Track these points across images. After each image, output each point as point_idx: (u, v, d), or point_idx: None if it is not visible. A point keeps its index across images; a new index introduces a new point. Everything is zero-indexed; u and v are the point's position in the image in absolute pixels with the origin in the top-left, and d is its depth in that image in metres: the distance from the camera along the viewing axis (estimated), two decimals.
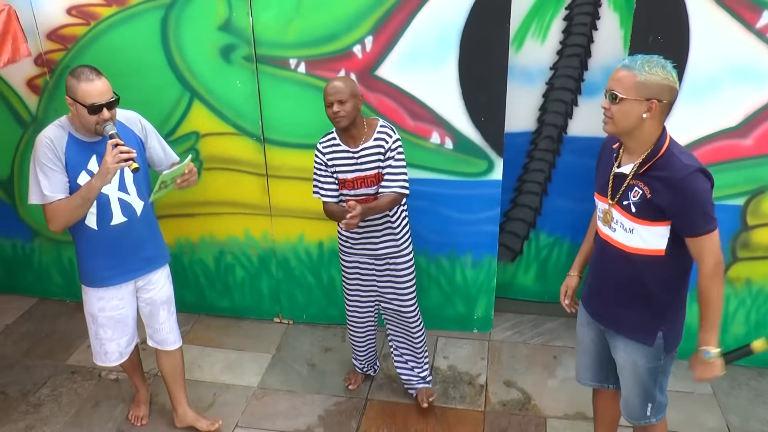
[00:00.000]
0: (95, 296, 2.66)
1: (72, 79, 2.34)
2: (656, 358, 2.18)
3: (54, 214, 2.41)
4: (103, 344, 2.75)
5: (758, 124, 2.82)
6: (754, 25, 2.69)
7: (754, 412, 2.98)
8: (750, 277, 3.09)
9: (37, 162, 2.38)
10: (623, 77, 1.93)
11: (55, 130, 2.42)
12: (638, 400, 2.25)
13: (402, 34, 2.92)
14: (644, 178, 2.00)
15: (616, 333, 2.19)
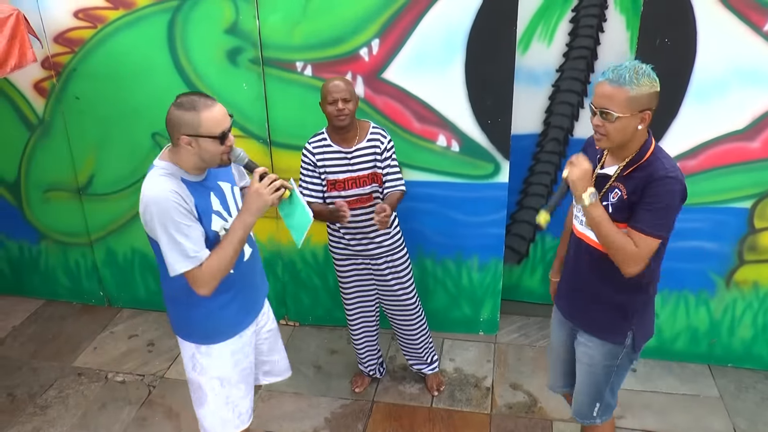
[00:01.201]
0: (228, 351, 2.20)
1: (184, 113, 1.92)
2: (614, 357, 2.20)
3: (208, 276, 1.97)
4: (236, 406, 2.29)
5: (766, 126, 2.81)
6: (762, 28, 2.68)
7: (761, 416, 2.97)
8: (757, 280, 3.08)
9: (171, 222, 1.93)
10: (614, 94, 1.88)
11: (171, 181, 1.97)
12: (588, 398, 2.28)
13: (409, 37, 2.92)
14: (625, 180, 2.01)
15: (582, 332, 2.20)
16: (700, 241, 3.04)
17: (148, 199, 1.95)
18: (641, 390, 3.12)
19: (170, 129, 1.97)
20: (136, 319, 3.77)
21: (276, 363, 2.52)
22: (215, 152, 1.98)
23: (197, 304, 2.12)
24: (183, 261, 1.95)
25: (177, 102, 1.98)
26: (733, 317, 3.17)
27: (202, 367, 2.21)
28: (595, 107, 1.94)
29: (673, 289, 3.14)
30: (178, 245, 1.94)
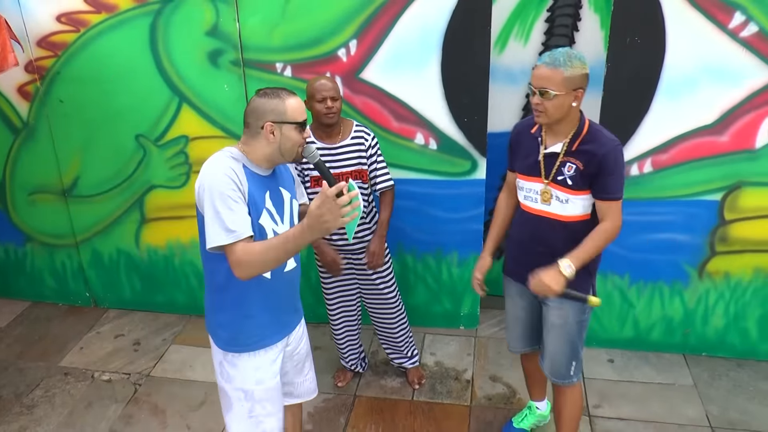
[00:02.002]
0: (251, 366, 2.17)
1: (270, 100, 1.96)
2: (583, 312, 2.43)
3: (245, 257, 1.88)
4: (260, 422, 2.25)
5: (733, 121, 2.89)
6: (727, 26, 2.76)
7: (732, 402, 3.05)
8: (728, 271, 3.16)
9: (219, 195, 1.89)
10: (551, 75, 2.13)
11: (230, 161, 1.96)
12: (565, 359, 2.46)
13: (385, 38, 2.98)
14: (576, 154, 2.25)
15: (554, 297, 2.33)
16: (673, 233, 3.13)
17: (205, 174, 1.95)
18: (618, 380, 3.20)
19: (253, 117, 1.99)
20: (122, 320, 3.81)
21: (300, 384, 2.47)
22: (296, 141, 2.00)
23: (223, 307, 2.13)
24: (222, 233, 1.90)
25: (261, 93, 2.02)
26: (706, 307, 3.26)
27: (228, 376, 2.20)
28: (534, 88, 2.18)
29: (648, 280, 3.22)
30: (220, 217, 1.90)
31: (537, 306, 2.50)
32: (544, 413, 2.86)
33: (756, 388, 3.15)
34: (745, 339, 3.29)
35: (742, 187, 3.00)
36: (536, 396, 2.84)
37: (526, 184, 2.36)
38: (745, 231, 3.08)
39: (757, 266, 3.14)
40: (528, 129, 2.35)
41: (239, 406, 2.23)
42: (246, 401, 2.21)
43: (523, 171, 2.36)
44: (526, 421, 2.86)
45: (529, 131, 2.35)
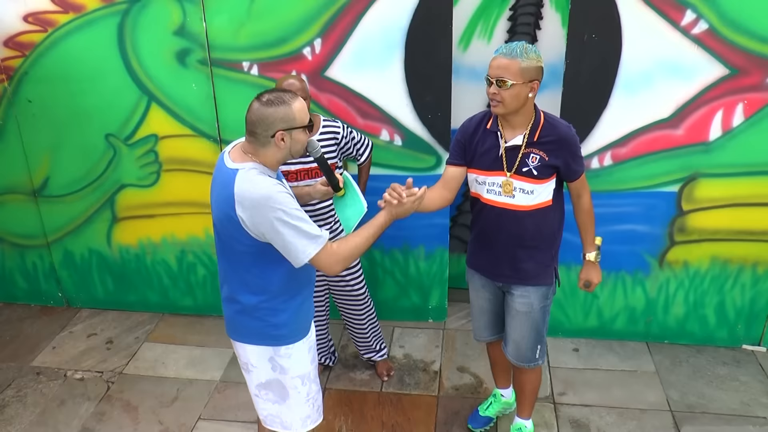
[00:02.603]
0: (306, 348, 2.23)
1: (277, 109, 1.95)
2: (546, 297, 2.55)
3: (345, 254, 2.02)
4: (315, 401, 2.33)
5: (688, 114, 2.99)
6: (680, 23, 2.85)
7: (692, 387, 3.16)
8: (687, 260, 3.27)
9: (287, 213, 1.92)
10: (509, 65, 2.20)
11: (267, 177, 1.98)
12: (531, 343, 2.55)
13: (349, 36, 3.03)
14: (538, 145, 2.33)
15: (517, 286, 2.48)
16: (633, 224, 3.22)
17: (258, 199, 1.92)
18: (583, 368, 3.29)
19: (261, 128, 1.96)
20: (95, 319, 3.82)
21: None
22: (304, 142, 2.05)
23: (282, 309, 2.13)
24: (311, 243, 1.96)
25: (263, 101, 1.98)
26: (667, 296, 3.36)
27: (282, 368, 2.21)
28: (491, 78, 2.24)
29: (611, 270, 3.31)
30: (301, 232, 1.94)
31: (501, 295, 2.59)
32: (509, 401, 2.94)
33: (714, 373, 3.26)
34: (704, 326, 3.41)
35: (698, 178, 3.10)
36: (501, 383, 2.92)
37: (488, 178, 2.39)
38: (701, 221, 3.18)
39: (714, 255, 3.24)
40: (482, 125, 2.39)
41: (296, 393, 2.25)
42: (303, 385, 2.25)
43: (484, 167, 2.39)
44: (491, 408, 2.93)
45: (484, 127, 2.38)
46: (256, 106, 1.98)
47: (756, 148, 3.01)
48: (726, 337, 3.42)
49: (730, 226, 3.18)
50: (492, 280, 2.53)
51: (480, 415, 2.93)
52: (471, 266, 2.60)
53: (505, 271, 2.48)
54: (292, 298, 2.14)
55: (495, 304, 2.62)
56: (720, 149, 3.03)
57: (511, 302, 2.51)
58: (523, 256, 2.43)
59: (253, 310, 2.14)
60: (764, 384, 3.17)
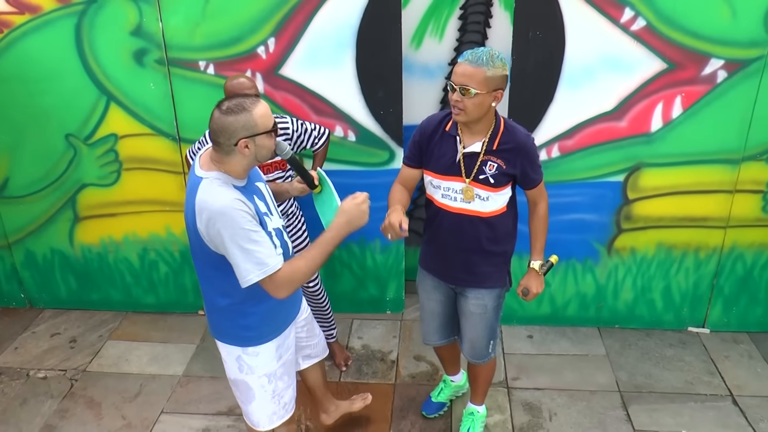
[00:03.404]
0: (273, 348, 2.25)
1: (238, 117, 1.91)
2: (500, 296, 2.60)
3: (290, 280, 1.99)
4: (282, 397, 2.36)
5: (630, 107, 3.12)
6: (619, 20, 2.98)
7: (640, 368, 3.30)
8: (634, 246, 3.41)
9: (241, 232, 1.91)
10: (474, 73, 2.13)
11: (228, 190, 1.95)
12: (485, 342, 2.60)
13: (302, 35, 3.10)
14: (497, 153, 2.31)
15: (471, 289, 2.50)
16: (581, 213, 3.35)
17: (214, 212, 1.91)
18: (536, 354, 3.41)
19: (223, 137, 1.93)
20: (58, 319, 3.83)
21: (315, 345, 2.60)
22: (270, 146, 2.00)
23: (250, 312, 2.14)
24: (257, 270, 1.94)
25: (223, 110, 1.94)
26: (616, 282, 3.49)
27: (249, 368, 2.25)
28: (455, 84, 2.17)
29: (562, 258, 3.42)
30: (251, 255, 1.92)
31: (453, 297, 2.61)
32: (460, 383, 3.05)
33: (661, 354, 3.40)
34: (652, 310, 3.55)
35: (641, 168, 3.24)
36: (451, 372, 3.01)
37: (443, 183, 2.37)
38: (646, 209, 3.32)
39: (659, 241, 3.39)
40: (441, 126, 2.37)
41: (262, 392, 2.29)
42: (269, 384, 2.28)
43: (440, 171, 2.36)
44: (443, 394, 3.03)
45: (443, 129, 2.35)
46: (217, 115, 1.95)
47: (694, 139, 3.16)
48: (672, 320, 3.57)
49: (673, 213, 3.32)
50: (445, 282, 2.56)
51: (433, 401, 3.02)
52: (424, 267, 2.62)
53: (459, 275, 2.51)
54: (259, 303, 2.14)
55: (446, 306, 2.65)
56: (661, 140, 3.17)
57: (464, 304, 2.55)
58: (478, 260, 2.45)
59: (223, 310, 2.18)
60: (707, 363, 3.33)
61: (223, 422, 3.01)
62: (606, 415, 2.99)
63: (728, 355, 3.38)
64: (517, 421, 2.96)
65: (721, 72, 3.02)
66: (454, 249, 2.45)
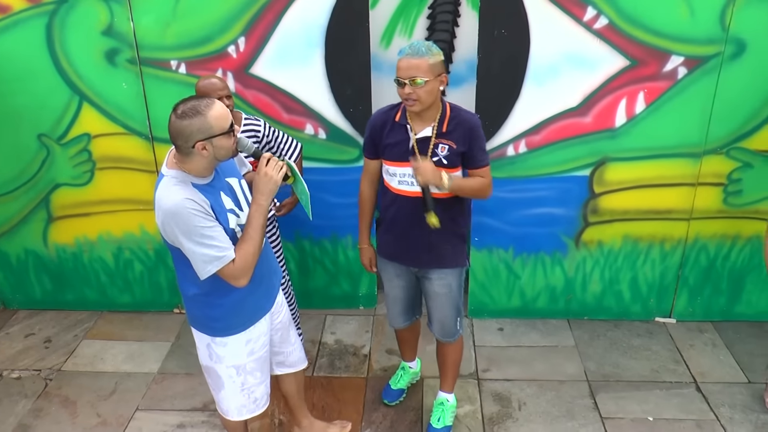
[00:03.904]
0: (242, 341, 2.29)
1: (192, 121, 1.95)
2: (462, 274, 2.73)
3: (243, 266, 2.06)
4: (252, 392, 2.41)
5: (595, 103, 3.20)
6: (582, 19, 3.05)
7: (608, 358, 3.38)
8: (601, 239, 3.49)
9: (193, 229, 1.98)
10: (419, 64, 2.28)
11: (183, 188, 2.01)
12: (452, 319, 2.72)
13: (271, 34, 3.15)
14: (447, 135, 2.44)
15: (434, 270, 2.60)
16: (549, 207, 3.42)
17: (166, 211, 1.99)
18: (506, 346, 3.48)
19: (180, 140, 1.98)
20: (33, 319, 3.83)
21: (289, 354, 2.60)
22: (229, 146, 2.04)
23: (217, 303, 2.21)
24: (212, 263, 2.02)
25: (178, 114, 1.98)
26: (585, 274, 3.58)
27: (218, 357, 2.30)
28: (403, 79, 2.31)
29: (531, 252, 3.51)
30: (204, 249, 2.00)
31: (415, 281, 2.72)
32: (416, 370, 3.18)
33: (629, 344, 3.49)
34: (620, 301, 3.64)
35: (606, 162, 3.32)
36: (408, 358, 3.12)
37: (399, 169, 2.47)
38: (612, 202, 3.40)
39: (625, 234, 3.47)
40: (390, 118, 2.49)
41: (231, 382, 2.35)
42: (238, 376, 2.33)
43: (395, 158, 2.47)
44: (402, 381, 3.12)
45: (392, 120, 2.48)
46: (173, 120, 2.00)
47: (657, 133, 3.24)
48: (640, 310, 3.66)
49: (639, 206, 3.41)
50: (408, 266, 2.65)
51: (392, 388, 3.11)
52: (384, 256, 2.71)
53: (421, 257, 2.60)
54: (226, 295, 2.19)
55: (409, 290, 2.77)
56: (625, 135, 3.25)
57: (429, 286, 2.65)
58: (438, 241, 2.55)
59: (192, 299, 2.25)
60: (673, 352, 3.42)
61: (198, 417, 3.04)
62: (574, 404, 3.07)
63: (693, 344, 3.48)
64: (487, 411, 3.03)
65: (681, 68, 3.11)
66: (414, 232, 2.55)
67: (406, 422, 2.97)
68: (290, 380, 2.69)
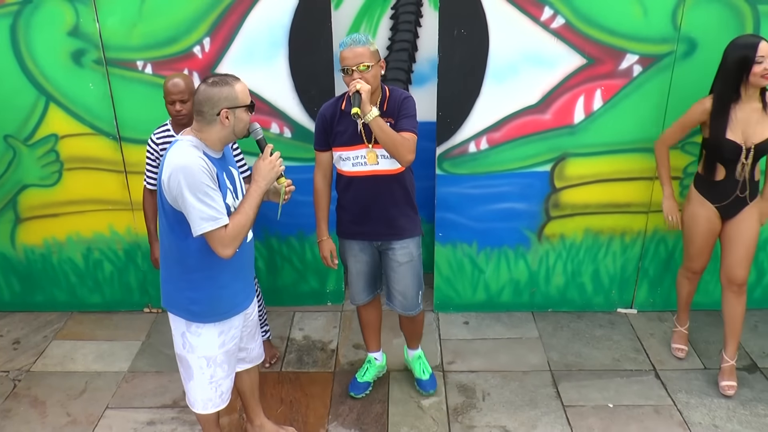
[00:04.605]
0: (216, 332, 2.37)
1: (222, 89, 2.15)
2: (420, 243, 2.93)
3: (234, 234, 2.17)
4: (219, 386, 2.47)
5: (554, 100, 3.29)
6: (540, 18, 3.14)
7: (570, 348, 3.47)
8: (563, 233, 3.58)
9: (197, 188, 2.10)
10: (363, 52, 2.53)
11: (198, 153, 2.16)
12: (414, 291, 2.95)
13: (236, 35, 3.20)
14: (386, 114, 2.66)
15: (396, 241, 2.80)
16: (512, 202, 3.50)
17: (176, 166, 2.12)
18: (471, 339, 3.56)
19: (208, 106, 2.16)
20: (1, 321, 3.82)
21: (252, 350, 2.70)
22: (246, 121, 2.24)
23: (198, 287, 2.30)
24: (208, 222, 2.13)
25: (209, 83, 2.18)
26: (548, 267, 3.66)
27: (191, 346, 2.38)
28: (350, 67, 2.53)
29: (494, 246, 3.59)
30: (203, 207, 2.12)
31: (377, 256, 2.91)
32: (382, 364, 3.24)
33: (591, 335, 3.58)
34: (583, 293, 3.73)
35: (566, 158, 3.41)
36: (373, 347, 3.20)
37: (351, 153, 2.69)
38: (573, 196, 3.49)
39: (586, 227, 3.57)
40: (337, 108, 2.70)
41: (200, 374, 2.43)
42: (208, 367, 2.42)
43: (345, 143, 2.69)
44: (368, 374, 3.19)
45: (339, 109, 2.69)
46: (203, 88, 2.17)
47: (614, 129, 3.34)
48: (602, 302, 3.76)
49: (599, 200, 3.50)
50: (371, 241, 2.85)
51: (359, 381, 3.18)
52: (347, 237, 2.89)
53: (382, 230, 2.82)
54: (210, 279, 2.29)
55: (372, 265, 2.95)
56: (584, 131, 3.35)
57: (392, 257, 2.86)
58: (396, 213, 2.79)
59: (175, 279, 2.34)
60: (633, 342, 3.52)
61: (168, 414, 3.07)
62: (537, 393, 3.15)
63: (653, 333, 3.59)
64: (452, 402, 3.10)
65: (636, 66, 3.22)
66: (374, 208, 2.77)
67: (373, 414, 3.03)
68: (248, 375, 2.76)
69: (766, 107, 2.85)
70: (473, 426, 2.95)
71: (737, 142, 2.84)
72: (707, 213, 3.00)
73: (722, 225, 3.02)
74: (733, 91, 2.81)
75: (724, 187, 2.93)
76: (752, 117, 2.84)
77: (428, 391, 3.15)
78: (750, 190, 2.94)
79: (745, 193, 2.93)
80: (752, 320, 3.66)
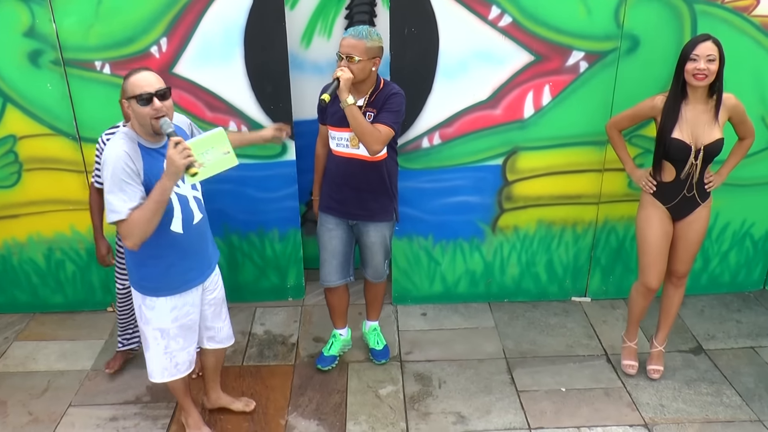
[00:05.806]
0: (168, 306, 2.52)
1: (123, 82, 2.30)
2: (393, 226, 3.19)
3: (131, 229, 2.24)
4: (173, 356, 2.63)
5: (504, 96, 3.40)
6: (487, 17, 3.25)
7: (525, 337, 3.58)
8: (516, 224, 3.69)
9: (114, 179, 2.23)
10: (357, 44, 2.71)
11: (127, 142, 2.28)
12: (382, 261, 3.21)
13: (192, 35, 3.25)
14: (373, 104, 2.86)
15: (369, 222, 2.99)
16: (466, 196, 3.61)
17: (104, 157, 2.27)
18: (428, 329, 3.65)
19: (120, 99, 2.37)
20: None
21: (220, 330, 2.82)
22: (144, 114, 2.25)
23: (147, 264, 2.46)
24: (111, 213, 2.25)
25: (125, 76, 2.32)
26: (502, 258, 3.77)
27: (146, 318, 2.56)
28: (342, 54, 2.74)
29: (450, 239, 3.69)
30: (112, 198, 2.24)
31: (350, 235, 3.13)
32: (347, 338, 3.40)
33: (546, 323, 3.70)
34: (538, 283, 3.85)
35: (518, 152, 3.52)
36: (339, 325, 3.34)
37: (337, 134, 2.91)
38: (525, 189, 3.61)
39: (539, 218, 3.68)
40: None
41: (156, 344, 2.60)
42: (162, 339, 2.58)
43: (334, 123, 2.89)
44: (333, 348, 3.34)
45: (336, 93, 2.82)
46: None
47: (563, 123, 3.47)
48: (557, 291, 3.88)
49: (550, 192, 3.63)
50: (344, 219, 3.02)
51: (325, 355, 3.33)
52: (324, 210, 3.10)
53: (354, 210, 3.02)
54: (156, 258, 2.44)
55: (345, 243, 3.13)
56: (534, 125, 3.47)
57: (366, 237, 3.09)
58: (368, 197, 2.98)
59: (130, 257, 2.52)
60: (586, 329, 3.65)
61: (131, 410, 3.10)
62: (492, 380, 3.25)
63: (606, 320, 3.72)
64: (409, 391, 3.18)
65: (582, 63, 3.34)
66: (347, 188, 2.98)
67: (331, 404, 3.10)
68: (212, 354, 2.90)
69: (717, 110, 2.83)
70: (429, 413, 3.04)
71: (685, 142, 2.84)
72: (660, 214, 3.00)
73: (674, 226, 3.03)
74: (679, 88, 2.83)
75: (673, 187, 2.95)
76: (701, 118, 2.85)
77: (380, 360, 3.36)
78: (697, 191, 2.94)
79: (691, 193, 2.94)
80: (699, 305, 3.83)
